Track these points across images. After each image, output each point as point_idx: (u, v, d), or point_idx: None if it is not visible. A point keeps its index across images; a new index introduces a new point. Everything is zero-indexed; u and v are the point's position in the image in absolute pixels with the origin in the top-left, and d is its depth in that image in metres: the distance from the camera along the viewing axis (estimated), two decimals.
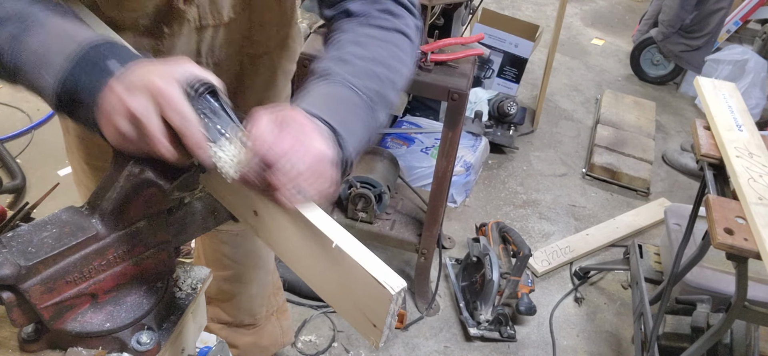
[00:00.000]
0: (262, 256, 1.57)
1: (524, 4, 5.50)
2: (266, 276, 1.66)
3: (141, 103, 0.65)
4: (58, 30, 0.74)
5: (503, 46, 3.69)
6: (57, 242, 0.72)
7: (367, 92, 0.85)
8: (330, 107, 0.80)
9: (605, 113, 3.78)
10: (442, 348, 2.32)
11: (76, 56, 0.71)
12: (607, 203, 3.24)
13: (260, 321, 1.72)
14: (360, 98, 0.84)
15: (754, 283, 1.68)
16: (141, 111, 0.65)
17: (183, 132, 0.66)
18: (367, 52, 0.90)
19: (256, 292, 1.64)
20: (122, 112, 0.66)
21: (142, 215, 0.78)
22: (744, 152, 1.68)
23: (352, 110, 0.83)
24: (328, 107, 0.80)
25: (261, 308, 1.70)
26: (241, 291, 1.61)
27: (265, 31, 1.16)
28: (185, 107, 0.66)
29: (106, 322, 0.78)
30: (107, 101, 0.68)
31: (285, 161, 0.67)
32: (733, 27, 4.40)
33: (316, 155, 0.70)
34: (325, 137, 0.73)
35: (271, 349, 1.80)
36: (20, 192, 2.66)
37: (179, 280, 0.91)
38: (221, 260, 1.52)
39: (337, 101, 0.83)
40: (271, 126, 0.69)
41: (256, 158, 0.68)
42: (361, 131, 0.83)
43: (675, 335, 2.04)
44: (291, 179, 0.67)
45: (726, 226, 1.47)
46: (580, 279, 2.70)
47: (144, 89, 0.66)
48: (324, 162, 0.71)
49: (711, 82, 1.98)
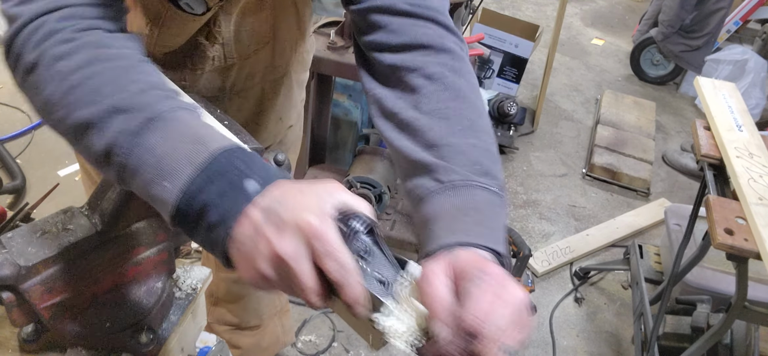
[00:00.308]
0: None
1: (524, 4, 5.50)
2: None
3: (291, 247, 0.55)
4: (184, 129, 0.61)
5: (503, 46, 3.69)
6: (57, 243, 0.72)
7: (494, 183, 0.73)
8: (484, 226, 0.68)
9: (605, 113, 3.78)
10: None
11: (203, 165, 0.58)
12: (607, 204, 3.24)
13: (265, 321, 1.72)
14: (495, 194, 0.72)
15: (754, 283, 1.68)
16: (291, 256, 0.54)
17: (342, 285, 0.56)
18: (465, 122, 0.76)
19: (263, 293, 1.65)
20: (268, 256, 0.55)
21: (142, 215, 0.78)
22: (744, 152, 1.68)
23: (497, 213, 0.71)
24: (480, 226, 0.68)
25: (267, 308, 1.70)
26: (250, 292, 1.61)
27: (284, 55, 1.16)
28: (345, 256, 0.55)
29: (106, 322, 0.78)
30: (247, 236, 0.56)
31: (490, 325, 0.55)
32: (733, 27, 4.40)
33: (516, 305, 0.58)
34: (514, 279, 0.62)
35: (272, 349, 1.80)
36: (20, 192, 2.65)
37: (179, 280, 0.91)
38: None
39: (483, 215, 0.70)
40: (448, 282, 0.59)
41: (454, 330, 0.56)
42: (503, 230, 0.71)
43: (675, 335, 2.04)
44: (496, 342, 0.55)
45: (726, 226, 1.47)
46: (580, 279, 2.70)
47: (296, 229, 0.55)
48: (523, 310, 0.59)
49: (711, 83, 1.98)
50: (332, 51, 2.24)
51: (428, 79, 0.79)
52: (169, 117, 0.61)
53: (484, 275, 0.59)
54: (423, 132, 0.76)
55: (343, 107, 2.78)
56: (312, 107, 2.36)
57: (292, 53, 1.19)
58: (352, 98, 2.83)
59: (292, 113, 1.33)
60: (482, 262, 0.61)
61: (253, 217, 0.56)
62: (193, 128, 0.62)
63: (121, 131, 0.61)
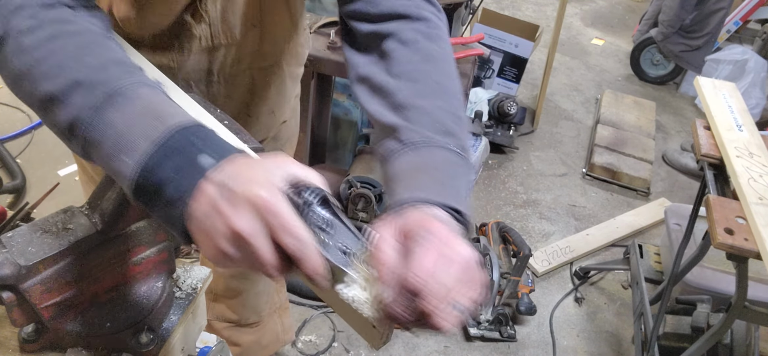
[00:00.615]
0: None
1: (524, 4, 5.50)
2: None
3: (247, 223, 0.55)
4: (144, 105, 0.62)
5: (503, 46, 3.69)
6: (57, 242, 0.72)
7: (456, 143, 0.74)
8: (441, 184, 0.70)
9: (605, 113, 3.78)
10: (442, 348, 2.32)
11: (160, 141, 0.59)
12: (608, 203, 3.24)
13: (264, 318, 1.72)
14: (455, 153, 0.74)
15: (755, 283, 1.68)
16: (248, 232, 0.55)
17: (300, 258, 0.57)
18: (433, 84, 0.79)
19: (262, 289, 1.65)
20: (226, 234, 0.56)
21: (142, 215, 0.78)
22: (744, 152, 1.68)
23: (457, 172, 0.73)
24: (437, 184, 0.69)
25: (266, 305, 1.71)
26: (248, 287, 1.61)
27: (275, 44, 1.16)
28: (300, 229, 0.56)
29: (106, 322, 0.78)
30: (204, 213, 0.57)
31: (433, 282, 0.57)
32: (733, 27, 4.40)
33: (462, 263, 0.60)
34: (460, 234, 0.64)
35: (272, 347, 1.80)
36: (20, 192, 2.66)
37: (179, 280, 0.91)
38: None
39: (441, 173, 0.71)
40: (395, 244, 0.61)
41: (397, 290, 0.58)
42: (466, 189, 0.73)
43: (675, 335, 2.04)
44: (442, 299, 0.57)
45: (726, 226, 1.47)
46: (581, 279, 2.70)
47: (248, 205, 0.56)
48: (472, 267, 0.61)
49: (711, 82, 1.98)
50: (332, 51, 2.24)
51: (402, 44, 0.82)
52: (130, 93, 0.62)
53: (427, 234, 0.60)
54: (392, 94, 0.78)
55: (343, 106, 2.78)
56: (312, 107, 2.36)
57: (285, 44, 1.18)
58: (352, 98, 2.83)
59: (286, 108, 1.32)
60: (427, 220, 0.62)
61: (208, 192, 0.57)
62: (153, 103, 0.63)
63: (82, 105, 0.62)
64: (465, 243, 0.62)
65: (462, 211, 0.68)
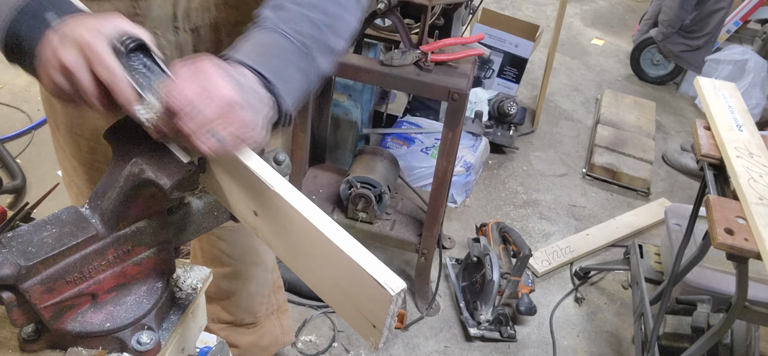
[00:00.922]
0: (260, 253, 1.57)
1: (524, 4, 5.50)
2: (265, 274, 1.65)
3: (71, 56, 0.69)
4: None
5: (503, 46, 3.69)
6: (57, 242, 0.72)
7: (299, 38, 0.85)
8: (261, 55, 0.80)
9: (605, 113, 3.78)
10: (442, 348, 2.32)
11: (19, 7, 0.75)
12: (608, 203, 3.24)
13: (260, 319, 1.72)
14: (292, 43, 0.84)
15: (755, 283, 1.68)
16: (72, 64, 0.69)
17: (111, 87, 0.70)
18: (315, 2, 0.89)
19: (255, 290, 1.64)
20: (55, 65, 0.70)
21: (142, 215, 0.78)
22: (744, 152, 1.68)
23: (285, 57, 0.83)
24: (258, 55, 0.80)
25: (261, 306, 1.70)
26: (239, 288, 1.60)
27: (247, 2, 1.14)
28: (112, 62, 0.70)
29: (106, 322, 0.78)
30: (44, 54, 0.72)
31: (190, 108, 0.68)
32: (733, 27, 4.40)
33: (223, 99, 0.70)
34: (232, 83, 0.73)
35: (271, 349, 1.80)
36: (20, 192, 2.66)
37: (179, 280, 0.91)
38: (219, 257, 1.52)
39: (267, 49, 0.82)
40: (185, 77, 0.71)
41: (163, 110, 0.70)
42: (297, 79, 0.83)
43: (675, 335, 2.04)
44: (200, 125, 0.69)
45: (726, 226, 1.47)
46: (581, 279, 2.70)
47: (73, 43, 0.69)
48: (233, 106, 0.71)
49: (711, 82, 1.98)
50: None
51: None
52: None
53: (196, 70, 0.72)
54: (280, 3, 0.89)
55: (343, 107, 2.78)
56: (312, 107, 2.36)
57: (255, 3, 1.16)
58: (352, 98, 2.84)
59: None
60: (207, 62, 0.73)
61: (51, 39, 0.72)
62: None
63: None
64: (231, 87, 0.72)
65: (271, 80, 0.78)
